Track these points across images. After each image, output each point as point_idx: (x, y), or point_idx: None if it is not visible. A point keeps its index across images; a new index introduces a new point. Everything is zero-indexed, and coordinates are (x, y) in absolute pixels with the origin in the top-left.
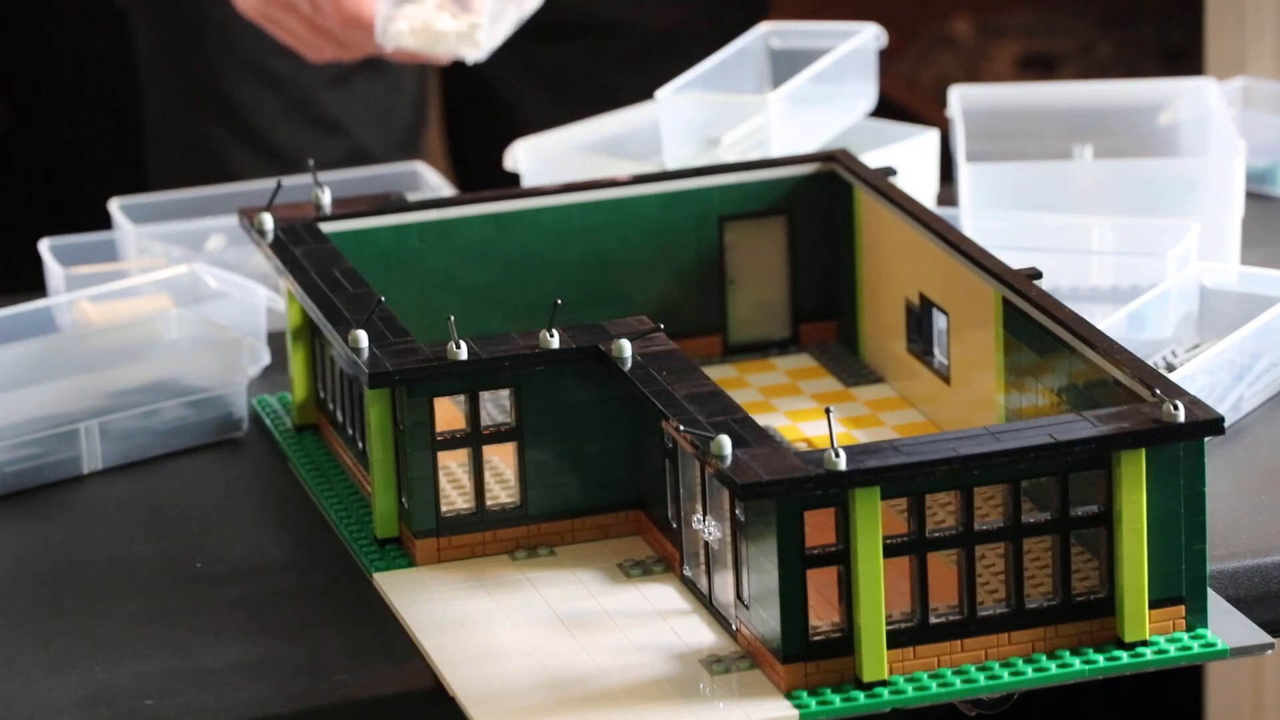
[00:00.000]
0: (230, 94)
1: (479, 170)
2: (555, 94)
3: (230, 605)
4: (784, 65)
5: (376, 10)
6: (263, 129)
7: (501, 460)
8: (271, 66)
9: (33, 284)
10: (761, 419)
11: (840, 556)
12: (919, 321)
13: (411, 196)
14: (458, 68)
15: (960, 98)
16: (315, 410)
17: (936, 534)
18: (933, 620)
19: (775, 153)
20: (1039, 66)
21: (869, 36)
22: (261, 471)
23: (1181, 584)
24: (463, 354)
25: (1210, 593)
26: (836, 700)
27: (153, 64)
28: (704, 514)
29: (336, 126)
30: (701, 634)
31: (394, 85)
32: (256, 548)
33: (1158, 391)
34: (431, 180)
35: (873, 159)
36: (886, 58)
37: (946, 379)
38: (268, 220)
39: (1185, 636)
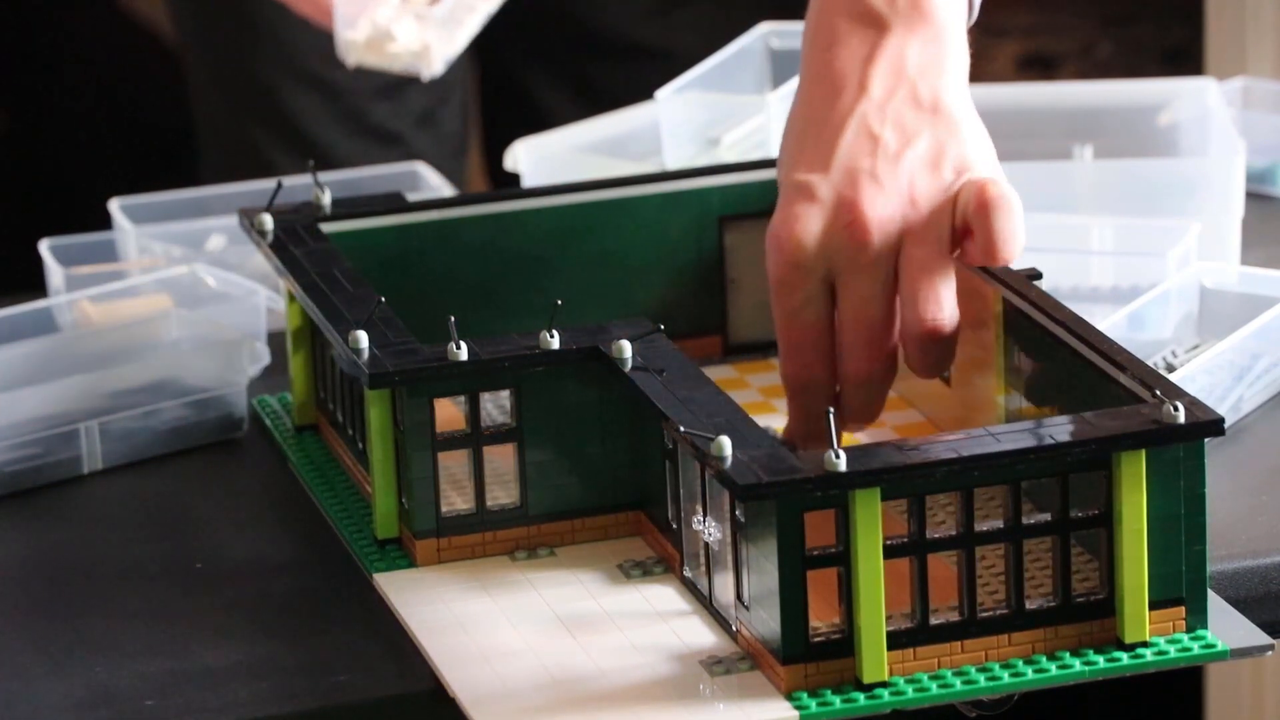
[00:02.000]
0: (284, 104)
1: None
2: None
3: (230, 605)
4: (784, 65)
5: (335, 17)
6: (317, 139)
7: (501, 460)
8: (326, 77)
9: (33, 284)
10: (761, 419)
11: (840, 557)
12: None
13: (411, 196)
14: (495, 83)
15: None
16: (315, 410)
17: (936, 535)
18: (933, 621)
19: (775, 153)
20: (1039, 66)
21: None
22: (261, 471)
23: (1181, 585)
24: (463, 354)
25: (1210, 593)
26: (836, 701)
27: (205, 73)
28: (704, 514)
29: (390, 136)
30: (701, 635)
31: (442, 95)
32: (256, 548)
33: (1158, 392)
34: (431, 180)
35: None
36: None
37: (946, 379)
38: (268, 220)
39: (1185, 637)
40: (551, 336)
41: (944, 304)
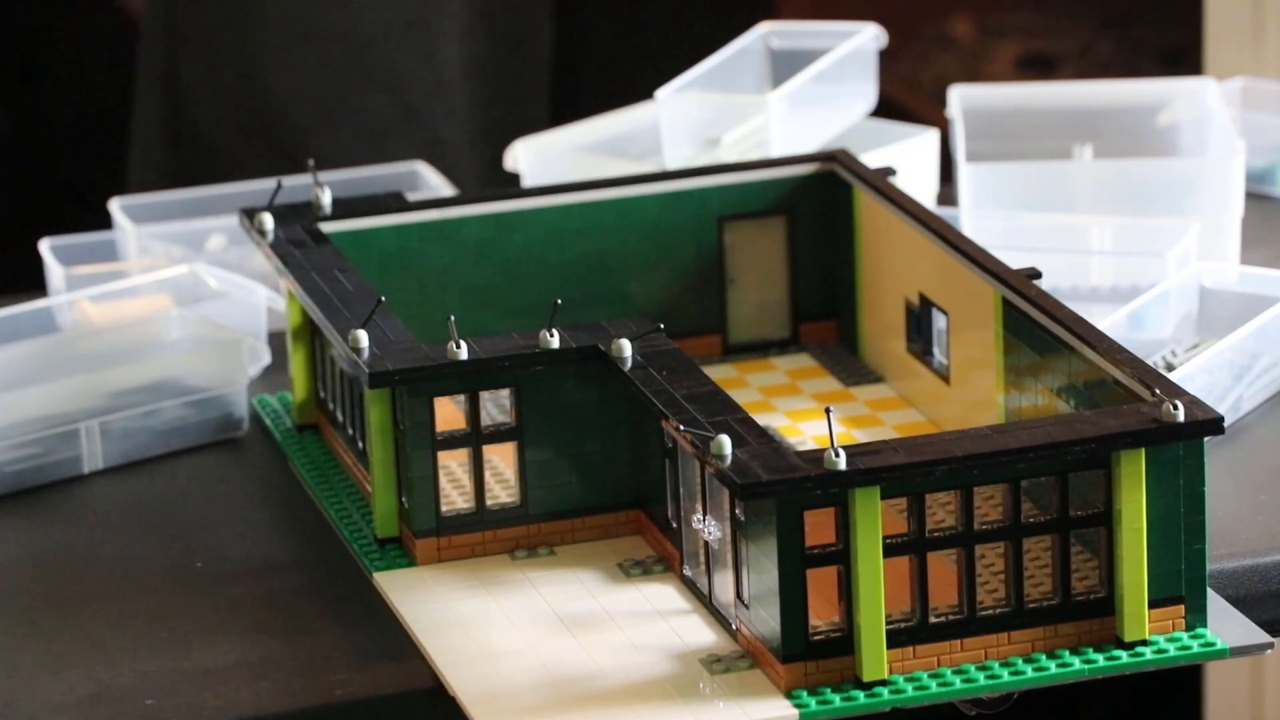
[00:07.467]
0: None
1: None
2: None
3: (230, 605)
4: (784, 65)
5: None
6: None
7: (501, 460)
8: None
9: (33, 284)
10: (761, 419)
11: (840, 556)
12: (919, 321)
13: (411, 196)
14: None
15: (960, 98)
16: (315, 410)
17: (936, 534)
18: (932, 620)
19: (775, 153)
20: (1039, 66)
21: (869, 36)
22: (261, 471)
23: (1181, 583)
24: (463, 354)
25: (1210, 592)
26: (836, 700)
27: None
28: (704, 514)
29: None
30: (701, 634)
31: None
32: (256, 548)
33: (1157, 391)
34: (431, 180)
35: (873, 159)
36: (886, 58)
37: (946, 379)
38: (268, 220)
39: (1185, 636)
40: (551, 336)
41: None
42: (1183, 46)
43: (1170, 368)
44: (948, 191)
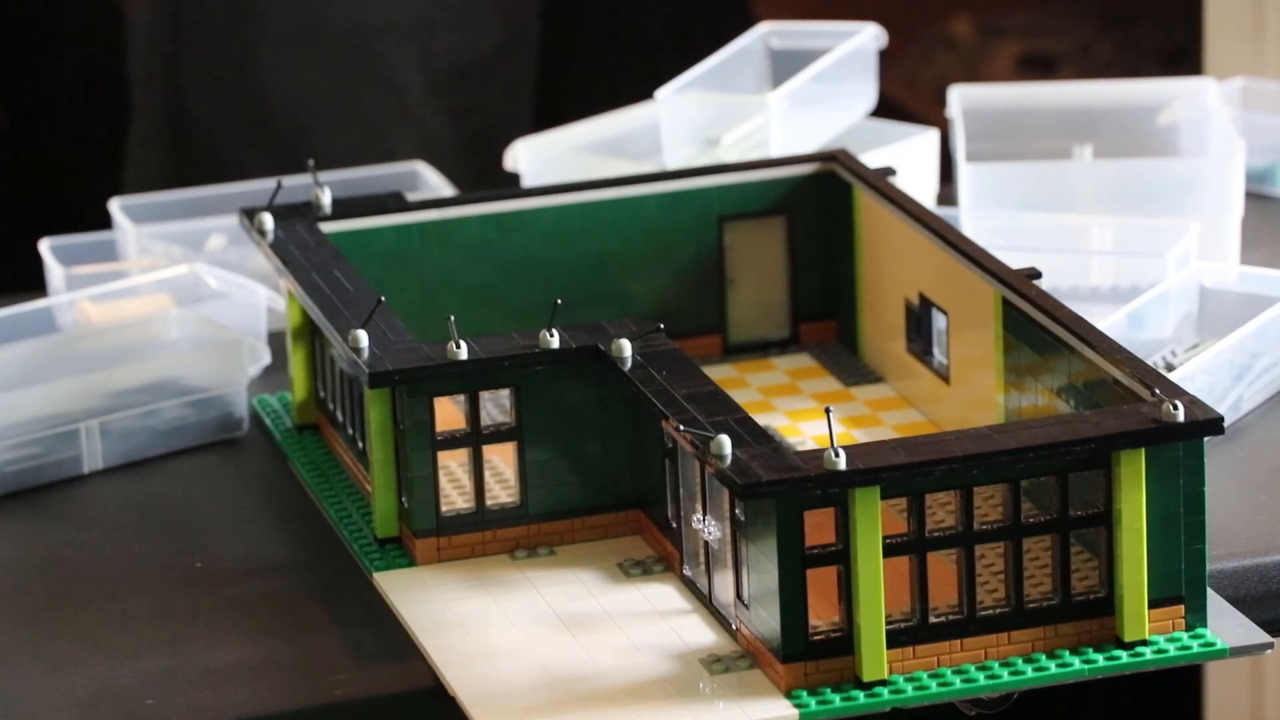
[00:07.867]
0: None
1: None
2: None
3: (230, 605)
4: (784, 65)
5: None
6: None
7: (501, 460)
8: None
9: (33, 284)
10: (761, 419)
11: (840, 556)
12: (919, 321)
13: (411, 196)
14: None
15: (960, 98)
16: (315, 410)
17: (936, 534)
18: (932, 620)
19: (775, 153)
20: (1039, 66)
21: (869, 36)
22: (261, 471)
23: (1181, 583)
24: (463, 354)
25: (1210, 592)
26: (836, 700)
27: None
28: (704, 514)
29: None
30: (701, 634)
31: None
32: (256, 548)
33: (1157, 391)
34: (431, 180)
35: (873, 159)
36: (886, 58)
37: (946, 379)
38: (268, 220)
39: (1185, 636)
40: (551, 336)
41: None
42: (1183, 46)
43: (1170, 368)
44: (948, 191)
